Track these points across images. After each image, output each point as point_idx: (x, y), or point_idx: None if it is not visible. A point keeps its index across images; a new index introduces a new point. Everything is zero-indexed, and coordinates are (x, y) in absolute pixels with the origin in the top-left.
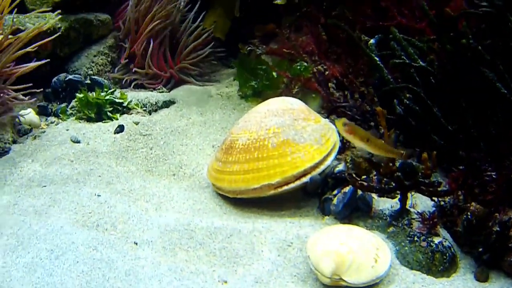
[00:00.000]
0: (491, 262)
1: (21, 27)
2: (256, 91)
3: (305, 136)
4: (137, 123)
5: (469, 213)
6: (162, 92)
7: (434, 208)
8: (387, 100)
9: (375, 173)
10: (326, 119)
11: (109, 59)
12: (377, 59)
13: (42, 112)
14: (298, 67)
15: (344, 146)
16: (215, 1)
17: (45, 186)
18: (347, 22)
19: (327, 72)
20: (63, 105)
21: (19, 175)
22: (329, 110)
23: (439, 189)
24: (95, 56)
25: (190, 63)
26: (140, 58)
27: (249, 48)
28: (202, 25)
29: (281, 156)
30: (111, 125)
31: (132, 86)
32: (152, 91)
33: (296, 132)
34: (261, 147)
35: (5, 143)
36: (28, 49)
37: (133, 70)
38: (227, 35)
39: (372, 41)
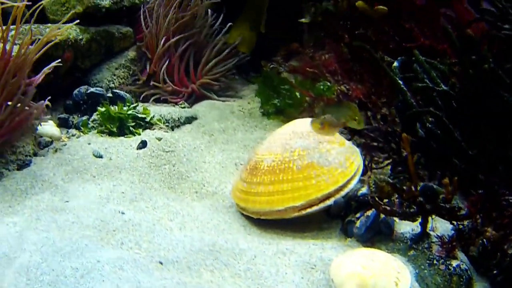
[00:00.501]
0: (505, 284)
1: (40, 37)
2: (278, 109)
3: (330, 159)
4: (159, 139)
5: (484, 239)
6: (184, 107)
7: (453, 232)
8: (410, 123)
9: (397, 195)
10: (350, 142)
11: (130, 72)
12: (400, 82)
13: (63, 124)
14: (321, 87)
15: (366, 167)
16: (242, 15)
17: (67, 201)
18: (370, 43)
19: (350, 92)
20: (85, 118)
21: (41, 189)
22: (352, 132)
23: (459, 213)
24: (116, 69)
25: (212, 79)
26: (160, 73)
27: (272, 66)
28: (227, 39)
29: (305, 179)
30: (134, 141)
31: (152, 100)
32: (174, 106)
33: (320, 155)
34: (286, 169)
35: (26, 155)
36: (46, 70)
37: (151, 84)
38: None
39: (395, 64)
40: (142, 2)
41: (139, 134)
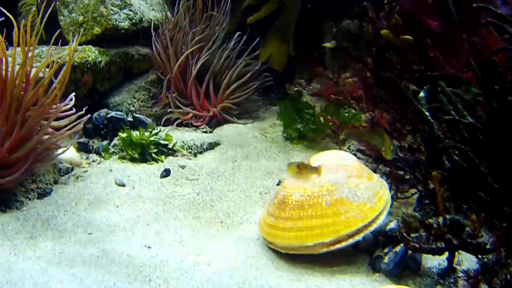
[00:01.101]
0: None
1: (58, 61)
2: (302, 134)
3: (359, 194)
4: (183, 167)
5: (508, 274)
6: (206, 131)
7: (478, 265)
8: (437, 156)
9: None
10: (378, 176)
11: (150, 94)
12: (427, 114)
13: (83, 149)
14: (346, 114)
15: (392, 197)
16: (271, 33)
17: (91, 233)
18: (395, 71)
19: (374, 120)
20: (105, 143)
21: (63, 219)
22: (378, 161)
23: (484, 248)
24: (136, 91)
25: (234, 103)
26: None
27: (296, 89)
28: (259, 56)
29: (335, 215)
30: (157, 168)
31: (175, 124)
32: (195, 130)
33: (349, 190)
34: (315, 204)
35: (46, 183)
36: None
37: (168, 111)
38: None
39: (422, 94)
40: (160, 22)
41: (162, 161)
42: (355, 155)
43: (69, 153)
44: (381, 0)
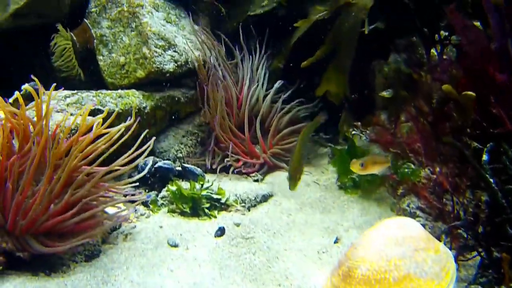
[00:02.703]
0: None
1: (101, 108)
2: (356, 184)
3: (426, 269)
4: (238, 225)
5: None
6: (257, 179)
7: None
8: (501, 225)
9: None
10: (444, 246)
11: (198, 139)
12: (492, 181)
13: (129, 200)
14: (406, 170)
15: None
16: (327, 74)
17: None
18: (456, 127)
19: (433, 176)
20: (153, 194)
21: (114, 285)
22: (445, 232)
23: None
24: (183, 136)
25: (284, 149)
26: (224, 142)
27: (353, 133)
28: (316, 91)
29: None
30: (210, 225)
31: (230, 172)
32: (246, 177)
33: (417, 265)
34: (382, 280)
35: (94, 244)
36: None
37: (216, 167)
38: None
39: (485, 157)
40: (205, 62)
41: (215, 217)
42: (415, 213)
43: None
44: (432, 34)
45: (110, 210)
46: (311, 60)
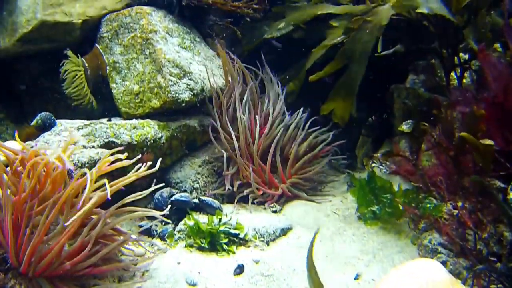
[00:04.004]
0: None
1: (115, 140)
2: (376, 215)
3: None
4: (257, 262)
5: None
6: (275, 210)
7: None
8: None
9: None
10: None
11: (215, 168)
12: None
13: (145, 233)
14: (428, 205)
15: None
16: (335, 90)
17: None
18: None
19: (455, 211)
20: (170, 228)
21: None
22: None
23: None
24: (200, 166)
25: (303, 178)
26: (244, 171)
27: (373, 165)
28: (321, 110)
29: None
30: (229, 262)
31: (250, 202)
32: (265, 207)
33: None
34: None
35: (112, 281)
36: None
37: (236, 201)
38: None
39: None
40: (221, 90)
41: (233, 253)
42: (436, 250)
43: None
44: (451, 57)
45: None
46: (320, 75)
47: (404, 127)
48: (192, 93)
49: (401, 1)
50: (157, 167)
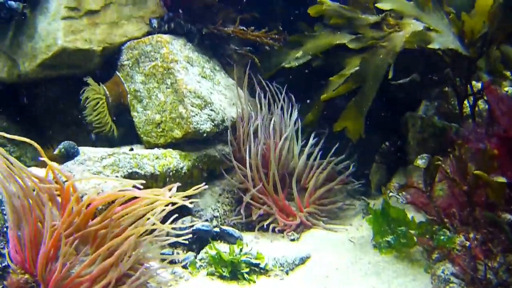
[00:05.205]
0: None
1: (139, 171)
2: (391, 245)
3: None
4: None
5: None
6: (294, 239)
7: None
8: None
9: None
10: None
11: (235, 196)
12: None
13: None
14: (442, 237)
15: None
16: (347, 111)
17: None
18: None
19: (467, 242)
20: (192, 256)
21: None
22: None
23: None
24: (220, 194)
25: (321, 208)
26: (258, 201)
27: (390, 195)
28: (334, 127)
29: None
30: None
31: (270, 231)
32: (283, 236)
33: None
34: None
35: None
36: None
37: (256, 230)
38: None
39: None
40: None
41: (254, 282)
42: (449, 279)
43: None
44: (464, 86)
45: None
46: (333, 95)
47: (420, 162)
48: (213, 124)
49: (414, 36)
50: (186, 203)
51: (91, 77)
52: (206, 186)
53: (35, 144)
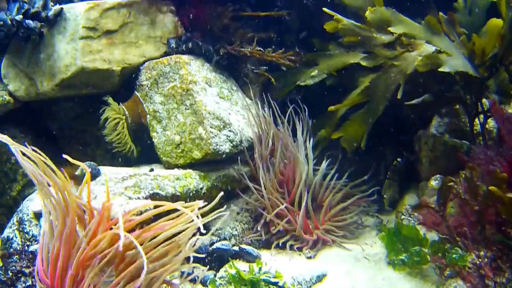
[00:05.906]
0: None
1: (160, 192)
2: (405, 263)
3: None
4: None
5: None
6: (310, 256)
7: None
8: None
9: None
10: None
11: (252, 215)
12: None
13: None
14: (454, 256)
15: None
16: (349, 122)
17: None
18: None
19: (478, 260)
20: (211, 275)
21: None
22: None
23: None
24: (238, 213)
25: (337, 225)
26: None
27: (403, 217)
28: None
29: None
30: None
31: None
32: (300, 253)
33: None
34: None
35: None
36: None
37: (273, 248)
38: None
39: None
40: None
41: None
42: None
43: None
44: (475, 104)
45: None
46: (339, 107)
47: (433, 183)
48: (231, 145)
49: (425, 60)
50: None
51: (110, 96)
52: (228, 213)
53: (53, 166)
